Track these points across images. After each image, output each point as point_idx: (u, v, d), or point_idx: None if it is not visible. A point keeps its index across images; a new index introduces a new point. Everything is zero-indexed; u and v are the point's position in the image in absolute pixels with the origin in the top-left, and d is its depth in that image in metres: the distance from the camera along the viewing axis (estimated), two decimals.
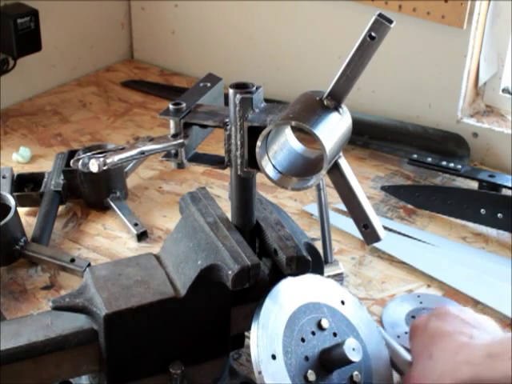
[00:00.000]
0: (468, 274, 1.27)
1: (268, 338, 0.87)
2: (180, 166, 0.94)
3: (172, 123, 0.92)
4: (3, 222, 1.23)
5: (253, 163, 0.87)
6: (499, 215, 1.36)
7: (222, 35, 1.96)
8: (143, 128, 1.77)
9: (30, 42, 1.74)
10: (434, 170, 1.56)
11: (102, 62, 2.08)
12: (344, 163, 0.85)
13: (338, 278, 1.19)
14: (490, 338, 0.87)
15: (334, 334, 0.93)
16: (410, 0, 1.60)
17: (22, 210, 1.38)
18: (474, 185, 1.50)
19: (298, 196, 1.50)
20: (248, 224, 0.98)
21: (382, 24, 0.76)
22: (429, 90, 1.69)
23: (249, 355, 0.89)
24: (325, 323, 0.92)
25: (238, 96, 0.86)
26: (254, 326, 0.88)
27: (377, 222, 0.87)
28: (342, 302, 0.97)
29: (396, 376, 0.98)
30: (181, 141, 0.91)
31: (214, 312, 0.96)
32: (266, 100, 0.90)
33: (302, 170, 0.87)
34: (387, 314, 1.18)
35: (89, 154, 0.87)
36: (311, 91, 0.86)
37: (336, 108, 0.84)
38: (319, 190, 1.17)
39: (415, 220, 1.43)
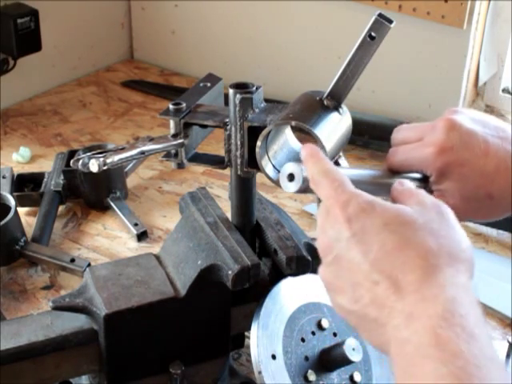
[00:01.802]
0: None
1: (268, 338, 0.87)
2: (180, 166, 0.94)
3: (172, 123, 0.92)
4: (3, 222, 1.22)
5: (253, 163, 0.87)
6: None
7: (222, 35, 1.96)
8: (143, 128, 1.77)
9: (30, 41, 1.74)
10: None
11: (101, 62, 2.08)
12: (344, 163, 0.85)
13: None
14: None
15: (334, 334, 0.93)
16: (409, 0, 1.60)
17: (22, 210, 1.38)
18: None
19: (298, 196, 1.50)
20: (248, 224, 0.98)
21: (381, 24, 0.76)
22: (429, 90, 1.69)
23: (249, 355, 0.88)
24: (325, 323, 0.92)
25: (238, 96, 0.86)
26: (253, 326, 0.88)
27: None
28: None
29: None
30: (181, 141, 0.91)
31: (214, 312, 0.96)
32: (266, 100, 0.90)
33: None
34: None
35: (89, 154, 0.87)
36: (311, 91, 0.86)
37: (336, 108, 0.83)
38: None
39: None
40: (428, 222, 0.61)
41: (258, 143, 0.84)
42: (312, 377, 0.88)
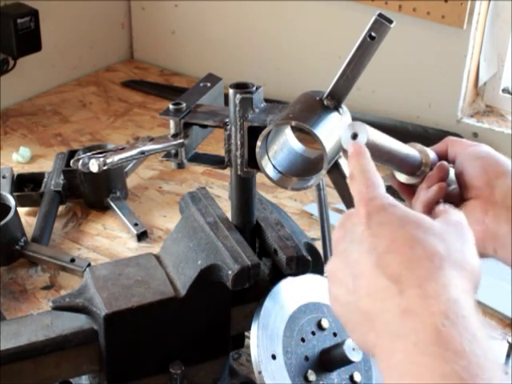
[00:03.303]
0: None
1: (268, 338, 0.87)
2: (180, 166, 0.94)
3: (172, 123, 0.92)
4: (3, 222, 1.23)
5: (253, 163, 0.87)
6: None
7: (222, 35, 1.96)
8: (143, 128, 1.77)
9: (30, 42, 1.74)
10: None
11: (102, 62, 2.08)
12: (344, 163, 0.85)
13: None
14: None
15: (334, 334, 0.93)
16: (409, 0, 1.60)
17: (22, 210, 1.38)
18: None
19: (298, 196, 1.50)
20: (248, 224, 0.98)
21: (382, 24, 0.76)
22: (429, 90, 1.69)
23: (249, 355, 0.89)
24: (325, 323, 0.92)
25: (238, 96, 0.86)
26: (253, 326, 0.88)
27: None
28: None
29: None
30: (181, 141, 0.91)
31: (214, 312, 0.96)
32: (266, 100, 0.90)
33: (302, 170, 0.87)
34: None
35: (89, 154, 0.87)
36: (311, 91, 0.86)
37: (336, 108, 0.83)
38: (319, 190, 1.16)
39: None
40: (444, 233, 0.62)
41: (258, 143, 0.84)
42: (312, 377, 0.88)
